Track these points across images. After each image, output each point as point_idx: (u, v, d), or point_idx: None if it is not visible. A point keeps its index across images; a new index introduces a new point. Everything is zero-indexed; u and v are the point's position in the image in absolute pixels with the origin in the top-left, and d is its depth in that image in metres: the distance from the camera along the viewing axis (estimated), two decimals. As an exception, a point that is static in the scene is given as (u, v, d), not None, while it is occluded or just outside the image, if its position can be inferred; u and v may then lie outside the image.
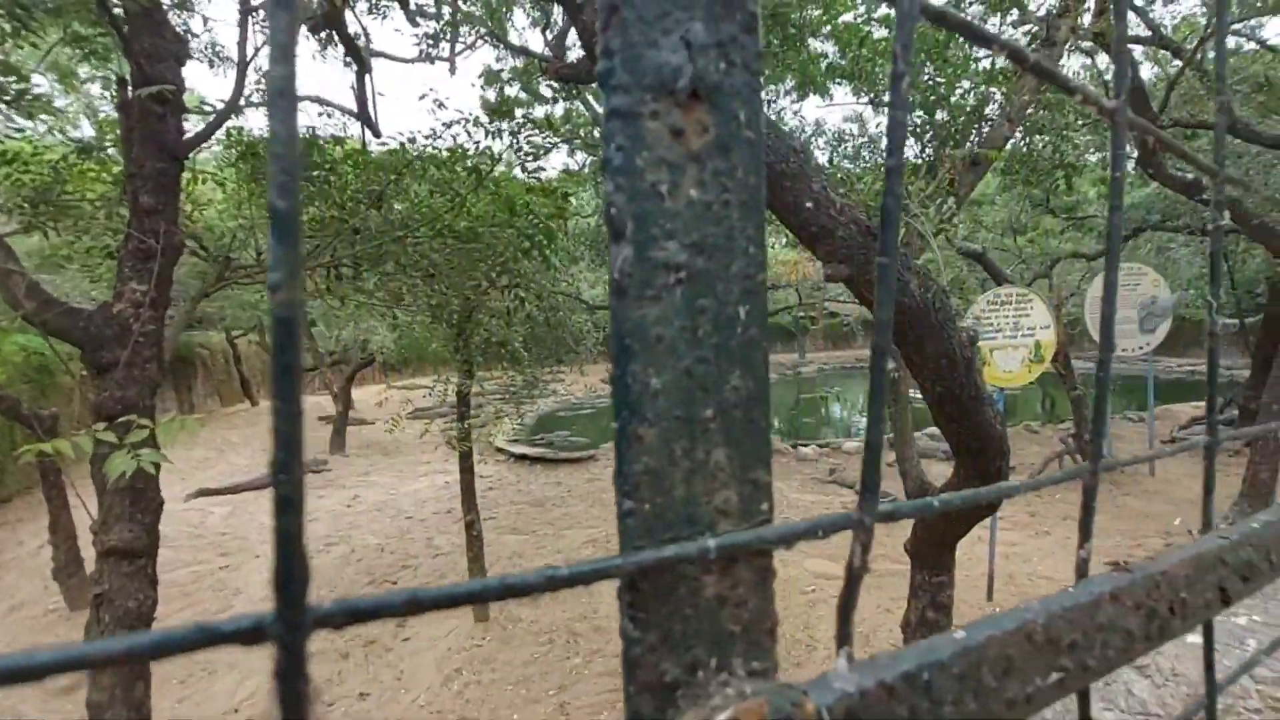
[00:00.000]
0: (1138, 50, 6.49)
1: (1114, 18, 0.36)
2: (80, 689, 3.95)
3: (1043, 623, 0.33)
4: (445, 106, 4.64)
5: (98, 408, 2.75)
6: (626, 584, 0.23)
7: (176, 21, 3.71)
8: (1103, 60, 7.54)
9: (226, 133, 3.99)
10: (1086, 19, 4.76)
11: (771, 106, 7.19)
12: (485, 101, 6.84)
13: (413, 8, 5.66)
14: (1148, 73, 7.58)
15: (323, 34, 5.41)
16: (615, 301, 0.22)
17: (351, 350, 11.73)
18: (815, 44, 5.82)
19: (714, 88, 0.23)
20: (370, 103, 5.12)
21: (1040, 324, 4.43)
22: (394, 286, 4.66)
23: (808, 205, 2.21)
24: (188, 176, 3.64)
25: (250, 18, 3.39)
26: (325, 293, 4.38)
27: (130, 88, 2.86)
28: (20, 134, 3.95)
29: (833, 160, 7.17)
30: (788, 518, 0.35)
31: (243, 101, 3.66)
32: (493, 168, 4.27)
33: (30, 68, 4.87)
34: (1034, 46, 4.62)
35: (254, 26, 3.48)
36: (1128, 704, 1.61)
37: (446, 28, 6.05)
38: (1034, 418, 11.60)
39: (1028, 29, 5.30)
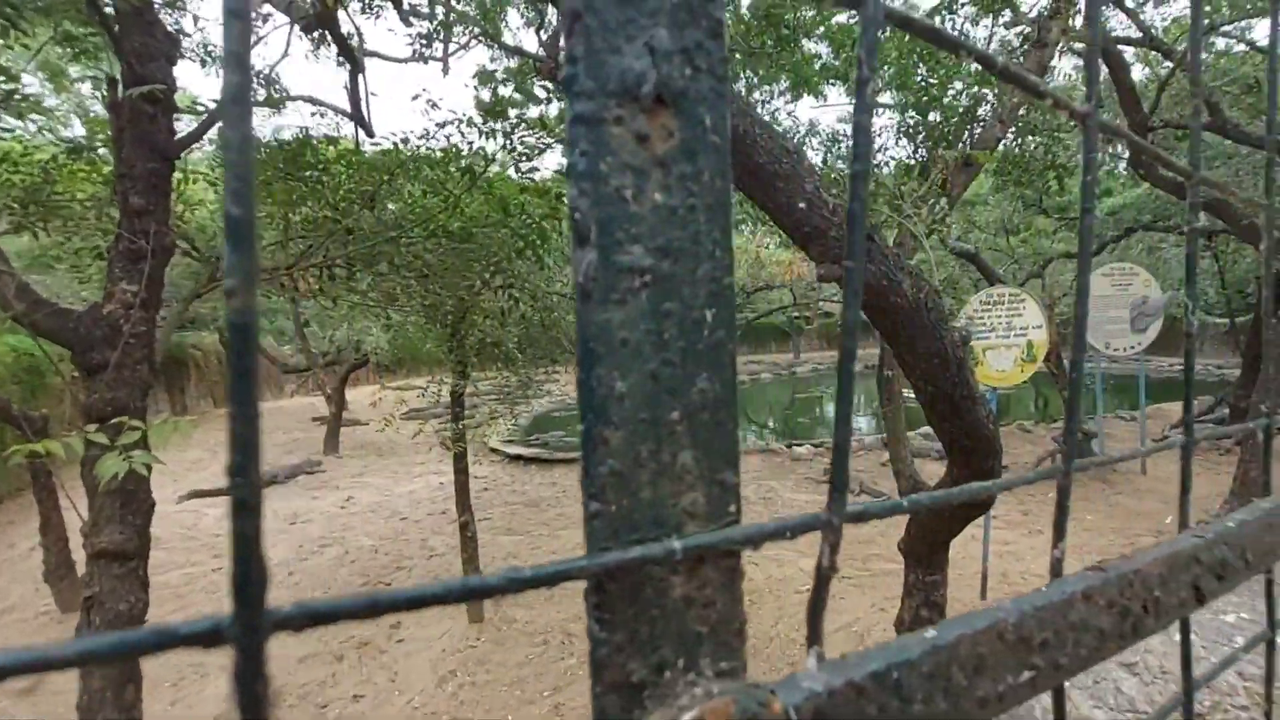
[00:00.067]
0: (1129, 52, 6.52)
1: (1086, 23, 0.36)
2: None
3: (1014, 621, 0.33)
4: (438, 107, 4.63)
5: (88, 409, 2.73)
6: (593, 585, 0.23)
7: (168, 20, 3.68)
8: (1094, 61, 7.58)
9: (218, 133, 3.97)
10: (1078, 21, 4.78)
11: (766, 107, 7.21)
12: (479, 101, 6.82)
13: (406, 7, 5.64)
14: (1139, 74, 7.62)
15: (316, 34, 5.39)
16: (580, 305, 0.22)
17: (345, 351, 11.70)
18: (809, 45, 5.84)
19: (679, 93, 0.23)
20: (364, 102, 5.11)
21: (1033, 324, 4.45)
22: (388, 287, 4.64)
23: (801, 206, 2.22)
24: (179, 177, 3.62)
25: (242, 17, 3.37)
26: (318, 293, 4.35)
27: (121, 87, 2.85)
28: (10, 134, 3.93)
29: (826, 161, 7.20)
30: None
31: (235, 101, 3.63)
32: (486, 168, 4.26)
33: (20, 67, 4.84)
34: (1026, 48, 4.65)
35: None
36: (1116, 702, 1.61)
37: (440, 28, 6.04)
38: (1027, 417, 11.65)
39: (1020, 30, 5.33)
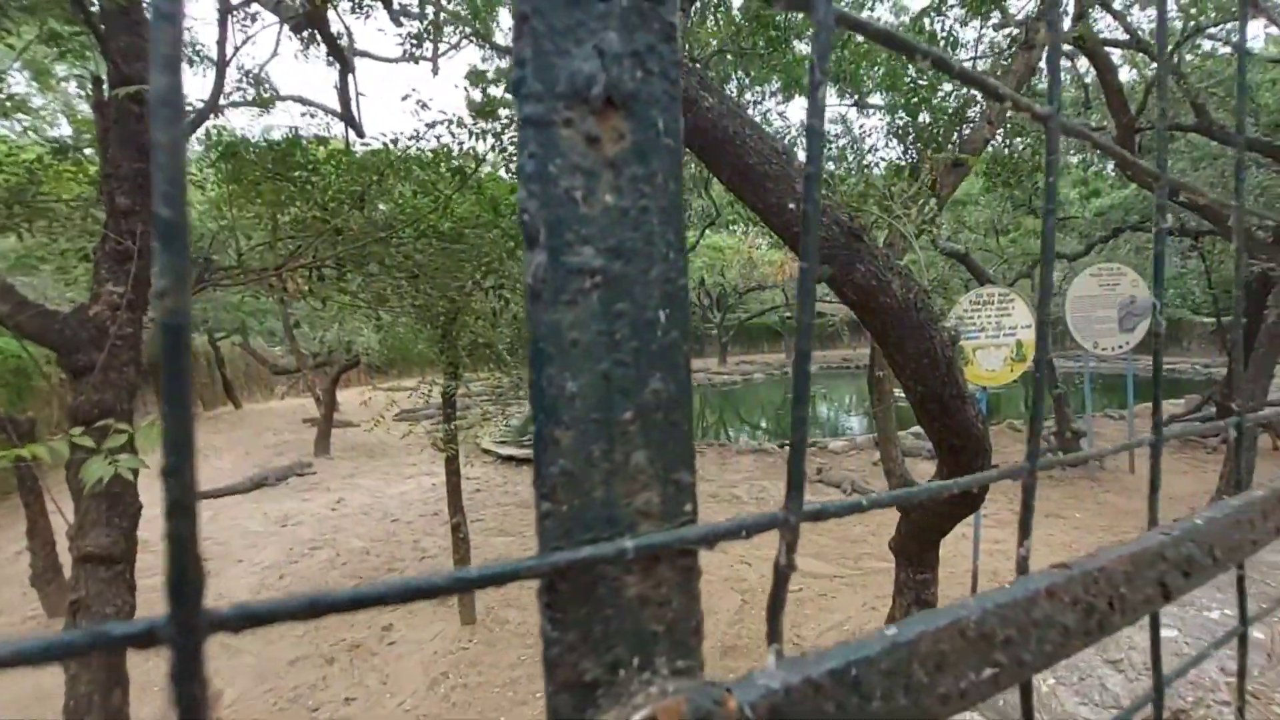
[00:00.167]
0: (1116, 54, 6.57)
1: (1047, 27, 0.37)
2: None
3: (976, 619, 0.33)
4: (428, 107, 4.62)
5: (74, 412, 2.70)
6: (545, 585, 0.23)
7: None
8: (1082, 63, 7.65)
9: (206, 133, 3.95)
10: (1066, 23, 4.82)
11: (757, 108, 7.23)
12: (470, 102, 6.81)
13: (396, 7, 5.63)
14: (1126, 76, 7.69)
15: (305, 33, 5.37)
16: (530, 306, 0.22)
17: (336, 352, 11.64)
18: (800, 46, 5.86)
19: (630, 96, 0.23)
20: (354, 102, 5.09)
21: (1022, 323, 4.48)
22: (378, 287, 4.62)
23: (791, 207, 2.23)
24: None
25: (230, 17, 3.37)
26: (308, 294, 4.33)
27: (107, 87, 2.82)
28: (-5, 134, 3.89)
29: (818, 161, 7.20)
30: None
31: (223, 101, 3.63)
32: (477, 168, 4.25)
33: (5, 66, 4.80)
34: (1014, 49, 4.68)
35: (234, 26, 3.47)
36: (1101, 698, 1.63)
37: (430, 27, 6.03)
38: (1016, 416, 11.73)
39: (1008, 32, 5.37)
